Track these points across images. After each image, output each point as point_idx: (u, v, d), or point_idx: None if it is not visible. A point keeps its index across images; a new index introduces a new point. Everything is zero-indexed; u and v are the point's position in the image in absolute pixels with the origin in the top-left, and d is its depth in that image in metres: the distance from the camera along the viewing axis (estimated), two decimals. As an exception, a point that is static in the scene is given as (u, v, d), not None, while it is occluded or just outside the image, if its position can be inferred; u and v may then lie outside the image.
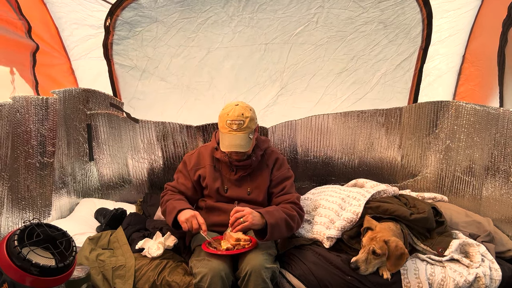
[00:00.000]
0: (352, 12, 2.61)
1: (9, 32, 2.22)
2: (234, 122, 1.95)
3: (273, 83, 2.86)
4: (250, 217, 1.84)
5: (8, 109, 1.98)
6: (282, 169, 2.18)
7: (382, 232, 1.88)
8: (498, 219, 2.28)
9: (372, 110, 2.79)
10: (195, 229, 1.88)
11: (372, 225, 1.95)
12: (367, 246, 1.87)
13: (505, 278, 1.92)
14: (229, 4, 2.57)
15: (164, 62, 2.77)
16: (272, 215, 1.90)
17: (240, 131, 1.96)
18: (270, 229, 1.85)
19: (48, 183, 2.31)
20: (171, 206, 2.00)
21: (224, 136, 1.99)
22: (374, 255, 1.85)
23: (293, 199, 2.07)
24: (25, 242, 1.49)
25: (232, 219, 1.86)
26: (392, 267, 1.83)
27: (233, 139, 1.96)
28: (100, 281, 1.93)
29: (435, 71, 2.81)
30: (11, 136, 2.03)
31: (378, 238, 1.85)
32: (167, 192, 2.15)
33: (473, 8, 2.57)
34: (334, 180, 2.94)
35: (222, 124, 1.99)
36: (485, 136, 2.36)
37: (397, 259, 1.81)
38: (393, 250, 1.81)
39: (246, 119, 1.96)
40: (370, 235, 1.89)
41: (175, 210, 1.95)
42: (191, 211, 1.93)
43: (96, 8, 2.52)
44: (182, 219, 1.89)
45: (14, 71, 2.24)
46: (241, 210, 1.87)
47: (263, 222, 1.87)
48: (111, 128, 2.79)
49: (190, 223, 1.87)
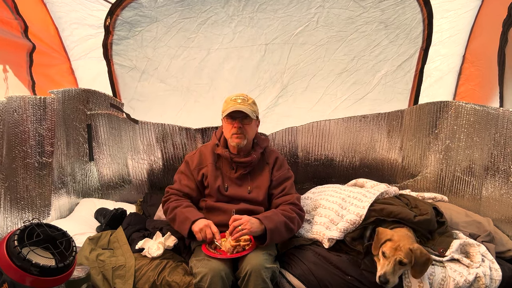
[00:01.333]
0: (352, 12, 2.61)
1: (4, 31, 2.20)
2: (238, 97, 2.07)
3: (273, 84, 2.86)
4: (248, 224, 1.85)
5: (1, 109, 1.96)
6: (282, 169, 2.18)
7: (403, 241, 1.83)
8: (498, 219, 2.28)
9: (374, 114, 2.80)
10: (209, 238, 1.88)
11: (389, 235, 1.88)
12: (392, 257, 1.80)
13: (505, 278, 1.92)
14: (229, 4, 2.57)
15: (164, 63, 2.77)
16: (271, 220, 1.90)
17: (244, 104, 2.04)
18: (270, 234, 1.86)
19: (47, 183, 2.30)
20: (182, 216, 1.97)
21: (228, 106, 2.05)
22: (400, 265, 1.79)
23: (293, 200, 2.08)
24: (25, 242, 1.49)
25: (230, 228, 1.87)
26: (417, 274, 1.78)
27: (238, 106, 2.03)
28: (100, 281, 1.92)
29: (436, 72, 2.81)
30: (7, 135, 2.02)
31: (402, 247, 1.79)
32: (171, 198, 2.11)
33: (473, 8, 2.57)
34: (334, 182, 2.94)
35: (226, 103, 2.08)
36: (485, 136, 2.36)
37: (422, 265, 1.77)
38: (419, 257, 1.77)
39: (249, 98, 2.10)
40: (392, 245, 1.82)
41: (188, 220, 1.92)
42: (204, 221, 1.92)
43: (96, 7, 2.52)
44: (196, 229, 1.89)
45: (7, 68, 2.23)
46: (239, 218, 1.87)
47: (262, 228, 1.88)
48: (111, 129, 2.79)
49: (204, 233, 1.88)
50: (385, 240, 1.86)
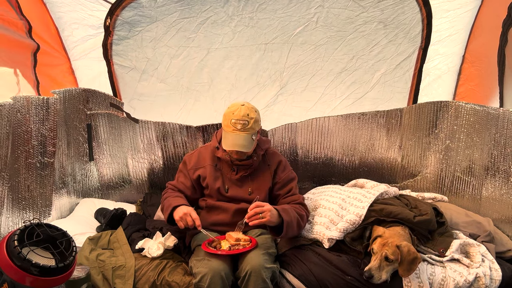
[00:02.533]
0: (351, 11, 2.61)
1: (10, 32, 2.21)
2: (238, 122, 1.95)
3: (273, 83, 2.86)
4: (269, 214, 1.85)
5: (8, 109, 1.98)
6: (286, 171, 2.20)
7: (393, 238, 1.85)
8: (498, 219, 2.28)
9: (373, 112, 2.80)
10: (190, 225, 1.88)
11: (380, 232, 1.91)
12: (379, 252, 1.82)
13: (505, 278, 1.92)
14: (229, 4, 2.57)
15: (163, 64, 2.77)
16: (287, 213, 1.93)
17: (244, 131, 1.95)
18: (286, 227, 1.88)
19: (48, 183, 2.31)
20: (167, 203, 2.01)
21: (228, 135, 1.98)
22: (387, 261, 1.81)
23: (300, 200, 2.11)
24: (25, 242, 1.49)
25: (251, 213, 1.86)
26: (405, 272, 1.78)
27: (236, 138, 1.95)
28: (100, 281, 1.93)
29: (435, 71, 2.81)
30: (12, 136, 2.03)
31: (390, 243, 1.82)
32: (168, 191, 2.17)
33: (472, 8, 2.57)
34: (334, 180, 2.95)
35: (226, 122, 1.99)
36: (485, 136, 2.36)
37: (410, 263, 1.77)
38: (406, 255, 1.78)
39: (251, 120, 1.96)
40: (380, 241, 1.85)
41: (170, 207, 1.95)
42: (185, 208, 1.93)
43: (96, 7, 2.52)
44: (176, 217, 1.90)
45: (17, 72, 2.24)
46: (261, 205, 1.87)
47: (279, 220, 1.90)
48: (111, 128, 2.79)
49: (184, 220, 1.88)
50: (376, 236, 1.90)
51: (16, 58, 2.27)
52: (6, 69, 2.18)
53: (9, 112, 1.98)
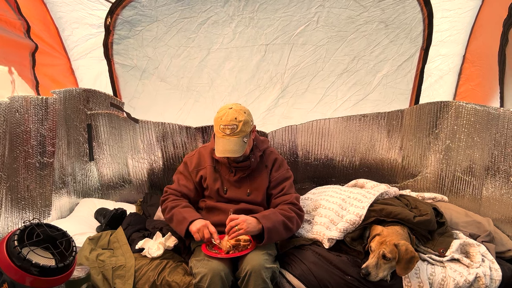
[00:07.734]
0: (352, 11, 2.61)
1: (7, 32, 2.21)
2: (227, 127, 1.94)
3: (274, 85, 2.85)
4: (245, 224, 1.84)
5: (4, 108, 1.97)
6: (281, 169, 2.18)
7: (391, 236, 1.86)
8: (498, 219, 2.28)
9: (374, 113, 2.79)
10: (207, 238, 1.88)
11: (379, 230, 1.92)
12: (377, 250, 1.83)
13: (505, 278, 1.92)
14: (229, 4, 2.57)
15: (164, 63, 2.77)
16: (268, 219, 1.90)
17: (233, 135, 1.94)
18: (267, 233, 1.86)
19: (48, 183, 2.30)
20: (179, 215, 1.97)
21: (218, 140, 1.98)
22: (384, 259, 1.81)
23: (292, 199, 2.07)
24: (25, 242, 1.49)
25: (227, 228, 1.87)
26: (402, 271, 1.79)
27: (226, 143, 1.95)
28: (100, 281, 1.92)
29: (437, 72, 2.80)
30: (10, 135, 2.02)
31: (388, 241, 1.82)
32: (169, 197, 2.11)
33: (473, 8, 2.56)
34: (334, 181, 2.94)
35: (216, 128, 2.00)
36: (485, 136, 2.36)
37: (407, 262, 1.78)
38: (403, 254, 1.78)
39: (239, 123, 1.94)
40: (379, 240, 1.86)
41: (186, 221, 1.93)
42: (202, 221, 1.92)
43: (97, 7, 2.52)
44: (194, 229, 1.89)
45: (12, 70, 2.23)
46: (235, 218, 1.87)
47: (259, 227, 1.88)
48: (111, 128, 2.79)
49: (202, 233, 1.88)
50: (375, 235, 1.91)
51: (12, 58, 2.26)
52: (1, 67, 2.17)
53: (5, 111, 1.97)
